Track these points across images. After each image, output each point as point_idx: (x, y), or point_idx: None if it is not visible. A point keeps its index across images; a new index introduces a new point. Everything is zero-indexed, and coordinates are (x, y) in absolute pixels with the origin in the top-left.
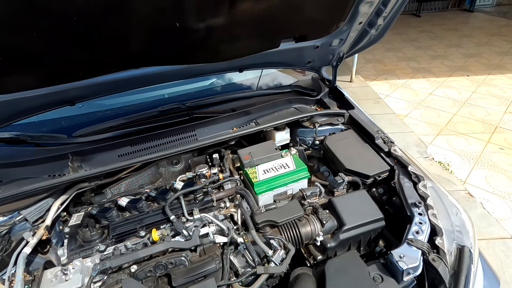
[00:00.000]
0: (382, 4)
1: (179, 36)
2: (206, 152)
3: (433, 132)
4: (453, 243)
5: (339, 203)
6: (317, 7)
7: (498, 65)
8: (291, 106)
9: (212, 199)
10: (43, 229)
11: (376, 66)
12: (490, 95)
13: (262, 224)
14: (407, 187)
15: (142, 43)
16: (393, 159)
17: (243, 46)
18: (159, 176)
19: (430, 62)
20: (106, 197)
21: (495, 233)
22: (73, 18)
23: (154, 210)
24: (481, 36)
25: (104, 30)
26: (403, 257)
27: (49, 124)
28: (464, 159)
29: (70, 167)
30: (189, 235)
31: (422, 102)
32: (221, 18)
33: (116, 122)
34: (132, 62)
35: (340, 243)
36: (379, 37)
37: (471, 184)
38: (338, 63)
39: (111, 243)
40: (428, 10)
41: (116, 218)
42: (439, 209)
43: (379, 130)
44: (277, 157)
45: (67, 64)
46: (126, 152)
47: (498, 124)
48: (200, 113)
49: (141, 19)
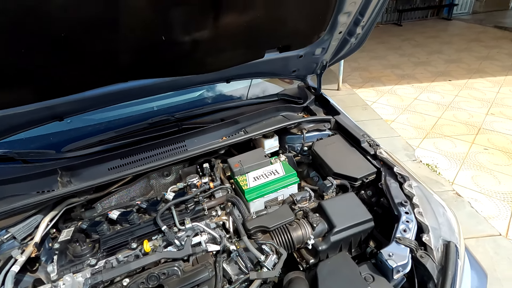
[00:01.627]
0: (359, 14)
1: (166, 50)
2: (196, 162)
3: (420, 135)
4: (439, 240)
5: (329, 206)
6: (298, 18)
7: (478, 69)
8: (279, 114)
9: (204, 208)
10: (32, 246)
11: (362, 74)
12: (472, 98)
13: (253, 230)
14: (394, 188)
15: (130, 57)
16: (379, 161)
17: (229, 58)
18: (151, 188)
19: (413, 69)
20: (96, 212)
21: (484, 231)
22: (61, 34)
23: (146, 222)
24: (460, 42)
25: (91, 45)
26: (392, 255)
27: (37, 140)
28: (451, 161)
29: (60, 182)
30: (181, 245)
31: (408, 107)
32: (205, 31)
33: (106, 135)
34: (120, 76)
35: (331, 246)
36: (359, 45)
37: (459, 184)
38: (322, 71)
39: (102, 256)
40: (409, 20)
41: (107, 231)
42: (425, 207)
43: (364, 134)
44: (266, 164)
45: (55, 79)
46: (116, 165)
47: (481, 125)
48: (189, 124)
49: (128, 34)
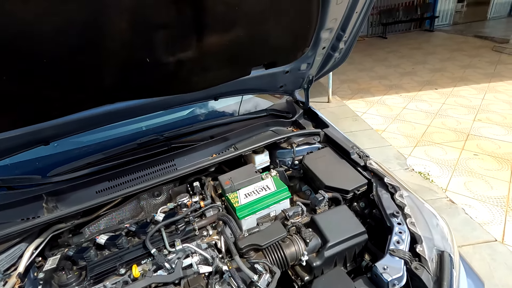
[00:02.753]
0: (341, 30)
1: (151, 70)
2: (186, 181)
3: (411, 144)
4: (433, 250)
5: (321, 220)
6: (281, 35)
7: (462, 77)
8: (268, 129)
9: (194, 228)
10: (15, 277)
11: (351, 85)
12: (458, 105)
13: (246, 249)
14: (385, 198)
15: (115, 79)
16: (370, 173)
17: (215, 76)
18: (141, 209)
19: (400, 79)
20: (84, 237)
21: (480, 237)
22: (43, 60)
23: (135, 245)
24: (443, 52)
25: (75, 69)
26: (387, 268)
27: (23, 165)
28: (442, 168)
29: (45, 208)
30: (172, 268)
31: (397, 116)
32: (189, 52)
33: (93, 158)
34: (106, 98)
35: (325, 261)
36: (343, 59)
37: (452, 191)
38: (309, 85)
39: (89, 284)
40: (393, 32)
41: (94, 257)
42: (416, 217)
43: (354, 145)
44: (257, 180)
45: (39, 104)
46: (104, 187)
47: (469, 131)
48: (178, 142)
49: (112, 56)
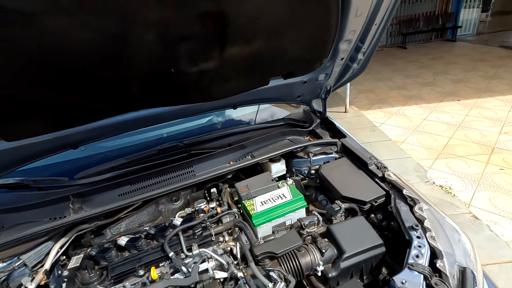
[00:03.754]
0: (359, 41)
1: (174, 80)
2: (204, 187)
3: (431, 156)
4: (454, 265)
5: (338, 230)
6: (300, 47)
7: (487, 89)
8: (285, 138)
9: (211, 233)
10: (41, 274)
11: (368, 96)
12: (483, 117)
13: (261, 256)
14: (404, 211)
15: (140, 88)
16: (388, 184)
17: (235, 86)
18: (159, 214)
19: (420, 89)
20: (105, 238)
21: (507, 256)
22: (76, 70)
23: (153, 248)
24: (466, 62)
25: (105, 79)
26: (405, 282)
27: (52, 168)
28: (465, 182)
29: (71, 209)
30: (189, 272)
31: (417, 127)
32: (211, 62)
33: (117, 162)
34: (132, 106)
35: (341, 272)
36: (361, 70)
37: (476, 206)
38: (326, 95)
39: (110, 284)
40: (413, 42)
41: (115, 258)
42: (437, 231)
43: (371, 156)
44: (273, 188)
45: (71, 111)
46: (126, 191)
47: (494, 145)
48: (197, 149)
49: (138, 67)
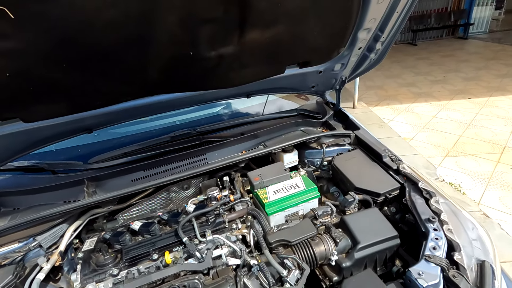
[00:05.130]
0: (379, 30)
1: (192, 65)
2: (216, 175)
3: (441, 154)
4: (472, 259)
5: (352, 221)
6: (319, 34)
7: (499, 87)
8: (298, 128)
9: (224, 220)
10: (57, 255)
11: (377, 92)
12: (494, 116)
13: (275, 244)
14: (420, 204)
15: (158, 72)
16: (403, 177)
17: (251, 73)
18: (170, 201)
19: (430, 87)
20: (118, 223)
21: None
22: (99, 50)
23: (167, 233)
24: (478, 60)
25: (125, 61)
26: (422, 274)
27: (67, 152)
28: (475, 180)
29: (86, 192)
30: (202, 257)
31: (427, 125)
32: (230, 47)
33: (130, 148)
34: (148, 91)
35: (355, 262)
36: (378, 61)
37: (486, 205)
38: (341, 86)
39: (124, 267)
40: (423, 39)
41: (129, 242)
42: (454, 224)
43: (386, 149)
44: (286, 178)
45: (90, 93)
46: (139, 176)
47: (506, 144)
48: (210, 137)
49: (158, 50)
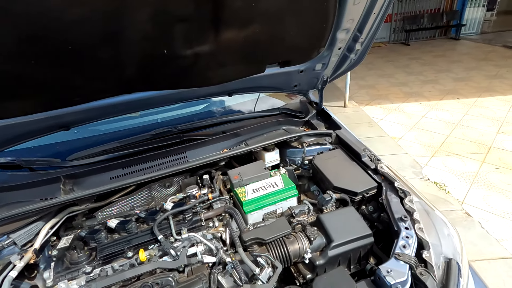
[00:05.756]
0: (358, 31)
1: (168, 63)
2: (197, 173)
3: (428, 153)
4: (440, 257)
5: (327, 220)
6: (297, 34)
7: (488, 88)
8: (280, 127)
9: (201, 218)
10: (31, 252)
11: (369, 91)
12: (481, 116)
13: (249, 242)
14: (394, 203)
15: (135, 70)
16: (380, 176)
17: (230, 72)
18: (152, 199)
19: (421, 87)
20: (97, 221)
21: (496, 253)
22: (69, 47)
23: (143, 231)
24: (469, 61)
25: (98, 58)
26: (391, 272)
27: (44, 149)
28: (460, 179)
29: (62, 190)
30: (177, 255)
31: (416, 124)
32: (206, 46)
33: (109, 146)
34: (125, 88)
35: (329, 260)
36: (358, 61)
37: (469, 204)
38: (323, 86)
39: (98, 264)
40: (416, 39)
41: (104, 239)
42: (425, 223)
43: (365, 148)
44: (266, 176)
45: (63, 90)
46: (118, 174)
47: (491, 144)
48: (191, 135)
49: (132, 47)
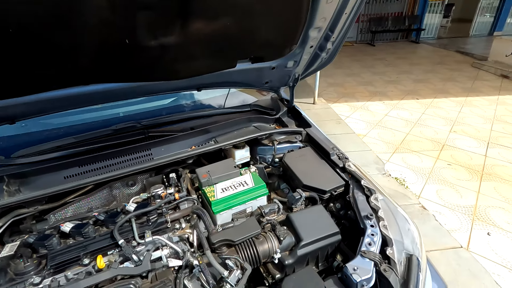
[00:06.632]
0: (329, 30)
1: (130, 53)
2: (163, 171)
3: (390, 150)
4: (402, 253)
5: (296, 218)
6: (269, 30)
7: (442, 90)
8: (251, 124)
9: (167, 220)
10: None
11: (337, 89)
12: (437, 116)
13: (218, 244)
14: (361, 201)
15: (91, 59)
16: (348, 174)
17: (199, 65)
18: (113, 199)
19: (385, 86)
20: (49, 224)
21: (448, 243)
22: (10, 29)
23: (102, 235)
24: (427, 64)
25: (46, 42)
26: (357, 269)
27: None
28: (417, 175)
29: (6, 191)
30: (140, 260)
31: (379, 122)
32: (173, 37)
33: (64, 141)
34: (80, 78)
35: (298, 260)
36: (330, 60)
37: (425, 198)
38: (294, 83)
39: (49, 274)
40: (381, 41)
41: (57, 246)
42: (389, 220)
43: (334, 147)
44: (236, 175)
45: (6, 78)
46: (74, 173)
47: (445, 142)
48: (156, 131)
49: (87, 32)
